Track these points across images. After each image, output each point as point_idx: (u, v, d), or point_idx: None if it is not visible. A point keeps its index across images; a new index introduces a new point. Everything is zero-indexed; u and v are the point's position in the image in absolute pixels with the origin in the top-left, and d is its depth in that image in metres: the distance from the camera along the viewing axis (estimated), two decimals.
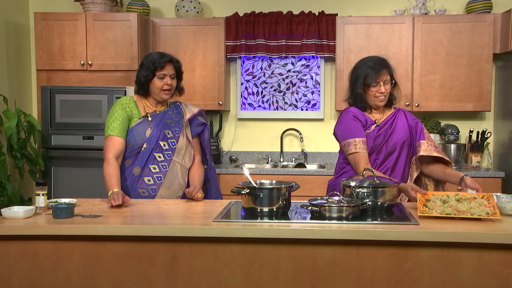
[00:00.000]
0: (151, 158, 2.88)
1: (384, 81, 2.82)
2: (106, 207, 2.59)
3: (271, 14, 4.84)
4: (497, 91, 4.73)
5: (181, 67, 3.02)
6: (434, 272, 2.12)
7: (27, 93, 5.01)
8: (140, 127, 2.90)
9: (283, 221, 2.31)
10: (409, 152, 2.89)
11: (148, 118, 2.93)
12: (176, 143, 2.94)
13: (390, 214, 2.44)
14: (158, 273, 2.21)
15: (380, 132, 2.84)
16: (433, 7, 4.79)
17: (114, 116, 2.89)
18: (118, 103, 2.94)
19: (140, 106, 2.96)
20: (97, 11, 4.64)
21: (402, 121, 2.91)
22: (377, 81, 2.81)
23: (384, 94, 2.83)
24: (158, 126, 2.91)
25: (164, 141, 2.91)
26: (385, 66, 2.84)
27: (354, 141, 2.79)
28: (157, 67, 2.88)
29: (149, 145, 2.88)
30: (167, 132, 2.93)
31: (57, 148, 4.53)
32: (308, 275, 2.16)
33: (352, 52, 4.66)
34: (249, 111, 5.15)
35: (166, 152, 2.91)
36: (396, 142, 2.84)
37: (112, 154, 2.83)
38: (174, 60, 2.95)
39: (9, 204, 4.07)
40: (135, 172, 2.87)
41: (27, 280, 2.24)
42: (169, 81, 2.92)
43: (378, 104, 2.86)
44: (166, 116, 2.96)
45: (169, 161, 2.91)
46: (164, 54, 2.96)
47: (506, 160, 4.52)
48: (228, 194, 3.18)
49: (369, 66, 2.82)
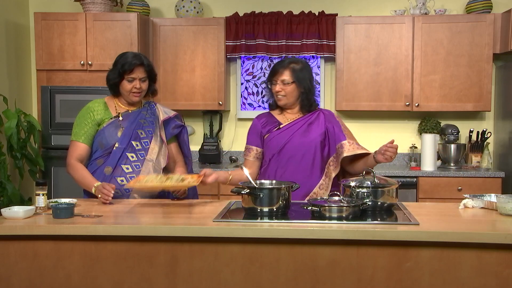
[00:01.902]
0: (123, 157, 2.85)
1: (281, 81, 2.85)
2: (105, 207, 2.59)
3: (271, 14, 4.84)
4: (497, 91, 4.73)
5: (153, 70, 2.97)
6: (434, 272, 2.12)
7: (27, 93, 5.01)
8: (111, 127, 2.89)
9: (283, 221, 2.31)
10: (322, 154, 2.87)
11: (119, 118, 2.91)
12: (149, 143, 2.91)
13: (390, 214, 2.44)
14: (158, 273, 2.21)
15: (281, 134, 2.87)
16: (433, 7, 4.79)
17: (79, 121, 2.91)
18: (85, 108, 2.94)
19: (111, 107, 2.95)
20: (97, 11, 4.64)
21: (316, 123, 2.90)
22: (274, 79, 2.87)
23: (281, 94, 2.86)
24: (130, 126, 2.89)
25: (137, 140, 2.89)
26: (284, 66, 2.87)
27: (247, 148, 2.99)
28: (126, 70, 2.84)
29: (121, 145, 2.86)
30: (140, 132, 2.91)
31: (57, 148, 4.53)
32: (308, 275, 2.16)
33: (352, 52, 4.66)
34: (249, 111, 5.15)
35: (139, 152, 2.88)
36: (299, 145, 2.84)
37: (73, 159, 2.87)
38: (145, 63, 2.89)
39: (9, 204, 4.07)
40: (107, 171, 2.85)
41: (27, 280, 2.24)
42: (138, 85, 2.87)
43: (278, 102, 2.91)
44: (139, 116, 2.94)
45: (142, 161, 2.88)
46: (136, 56, 2.89)
47: (506, 160, 4.52)
48: (228, 194, 3.19)
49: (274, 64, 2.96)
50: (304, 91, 2.88)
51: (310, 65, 3.49)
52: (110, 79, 2.90)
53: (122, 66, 2.85)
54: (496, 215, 2.40)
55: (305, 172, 2.83)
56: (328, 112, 3.01)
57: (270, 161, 2.90)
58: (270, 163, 2.89)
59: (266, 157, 2.93)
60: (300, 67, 2.89)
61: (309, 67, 2.97)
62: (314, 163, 2.85)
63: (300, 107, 2.93)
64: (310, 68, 2.98)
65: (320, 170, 2.85)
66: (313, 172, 2.84)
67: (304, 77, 2.88)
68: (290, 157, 2.85)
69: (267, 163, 2.92)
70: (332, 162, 2.87)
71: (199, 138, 5.10)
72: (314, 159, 2.85)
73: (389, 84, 4.64)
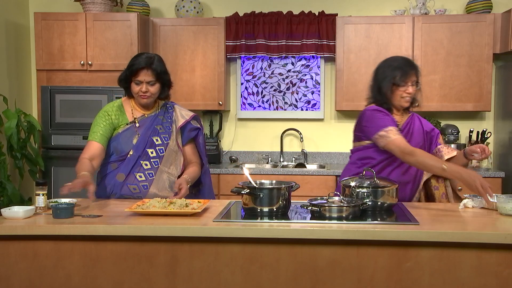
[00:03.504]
0: (137, 165, 2.79)
1: (412, 82, 2.83)
2: (106, 207, 2.59)
3: (271, 14, 4.84)
4: (497, 91, 4.73)
5: (163, 74, 2.84)
6: (434, 272, 2.12)
7: (27, 93, 5.01)
8: (127, 134, 2.83)
9: (283, 221, 2.31)
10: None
11: (135, 125, 2.85)
12: (165, 151, 2.84)
13: (390, 214, 2.44)
14: (158, 273, 2.21)
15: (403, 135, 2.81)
16: (433, 7, 4.79)
17: (96, 122, 2.84)
18: (102, 111, 2.88)
19: (128, 110, 2.88)
20: (97, 11, 4.64)
21: (417, 126, 2.91)
22: (405, 81, 2.81)
23: (411, 95, 2.84)
24: (146, 133, 2.82)
25: (152, 148, 2.82)
26: (414, 67, 2.86)
27: (390, 129, 2.73)
28: (132, 72, 2.78)
29: (136, 152, 2.79)
30: (155, 138, 2.83)
31: (57, 148, 4.53)
32: (308, 275, 2.16)
33: (352, 52, 4.66)
34: (249, 111, 5.15)
35: (153, 160, 2.81)
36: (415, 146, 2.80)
37: (86, 155, 2.74)
38: (154, 67, 2.78)
39: (9, 204, 4.07)
40: (119, 178, 2.78)
41: (27, 280, 2.24)
42: (144, 88, 2.78)
43: (403, 104, 2.85)
44: (155, 121, 2.87)
45: (156, 169, 2.81)
46: (147, 59, 2.79)
47: (506, 160, 4.52)
48: (228, 194, 3.19)
49: (398, 66, 2.83)
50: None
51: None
52: (120, 80, 2.86)
53: (129, 68, 2.80)
54: (496, 215, 2.41)
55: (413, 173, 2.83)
56: (418, 116, 3.00)
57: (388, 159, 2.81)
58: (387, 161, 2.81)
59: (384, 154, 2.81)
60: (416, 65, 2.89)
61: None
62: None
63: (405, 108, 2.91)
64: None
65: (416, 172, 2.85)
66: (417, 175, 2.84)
67: (419, 75, 2.88)
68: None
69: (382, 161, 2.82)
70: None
71: None
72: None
73: None
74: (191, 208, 2.40)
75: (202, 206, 2.44)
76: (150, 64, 2.78)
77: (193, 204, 2.47)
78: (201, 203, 2.50)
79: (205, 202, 2.53)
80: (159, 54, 4.73)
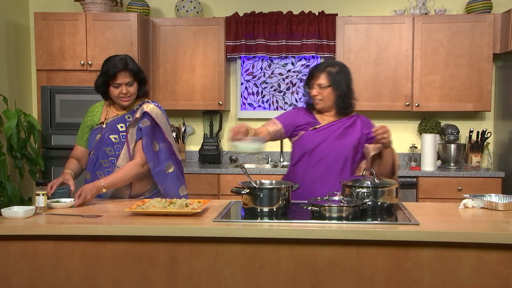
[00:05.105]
0: (97, 164, 2.86)
1: (317, 85, 2.85)
2: (106, 207, 2.59)
3: (271, 14, 4.84)
4: (497, 91, 4.73)
5: (139, 72, 2.86)
6: (434, 272, 2.12)
7: (27, 93, 5.01)
8: (93, 134, 2.91)
9: (283, 221, 2.31)
10: (354, 158, 2.85)
11: (103, 126, 2.90)
12: (121, 149, 2.86)
13: (390, 214, 2.44)
14: (158, 273, 2.21)
15: (317, 134, 2.85)
16: (433, 7, 4.79)
17: (81, 126, 3.00)
18: (87, 111, 3.01)
19: (104, 111, 2.94)
20: (97, 11, 4.64)
21: (352, 128, 2.88)
22: (311, 84, 2.87)
23: (317, 98, 2.86)
24: (107, 132, 2.87)
25: (110, 146, 2.85)
26: (319, 70, 2.86)
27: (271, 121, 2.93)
28: (110, 76, 2.79)
29: (95, 151, 2.87)
30: (113, 137, 2.85)
31: (57, 148, 4.53)
32: (308, 275, 2.16)
33: (352, 52, 4.66)
34: (249, 111, 5.15)
35: (110, 158, 2.85)
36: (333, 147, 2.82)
37: (74, 156, 2.99)
38: (129, 67, 2.81)
39: (9, 204, 4.07)
40: (87, 177, 2.91)
41: (27, 280, 2.24)
42: (124, 90, 2.81)
43: (315, 106, 2.90)
44: (119, 120, 2.88)
45: (113, 167, 2.84)
46: (121, 60, 2.80)
47: (506, 160, 4.52)
48: (228, 194, 3.18)
49: (310, 69, 2.94)
50: (341, 94, 2.86)
51: (312, 65, 3.49)
52: (98, 86, 2.88)
53: (106, 73, 2.81)
54: (496, 215, 2.41)
55: (335, 174, 2.80)
56: (365, 118, 2.97)
57: (301, 159, 2.86)
58: (301, 161, 2.86)
59: (296, 154, 2.89)
60: (337, 70, 2.87)
61: (347, 70, 2.93)
62: (345, 166, 2.82)
63: (336, 110, 2.90)
64: (348, 71, 2.93)
65: (350, 173, 2.84)
66: (343, 175, 2.80)
67: (341, 80, 2.86)
68: (321, 158, 2.82)
69: (295, 161, 2.89)
70: (363, 165, 2.86)
71: (199, 138, 5.10)
72: (346, 162, 2.82)
73: (389, 84, 4.64)
74: (191, 208, 2.41)
75: (202, 206, 2.44)
76: (126, 65, 2.82)
77: (193, 204, 2.47)
78: (201, 203, 2.51)
79: (205, 202, 2.53)
80: (159, 55, 4.79)
